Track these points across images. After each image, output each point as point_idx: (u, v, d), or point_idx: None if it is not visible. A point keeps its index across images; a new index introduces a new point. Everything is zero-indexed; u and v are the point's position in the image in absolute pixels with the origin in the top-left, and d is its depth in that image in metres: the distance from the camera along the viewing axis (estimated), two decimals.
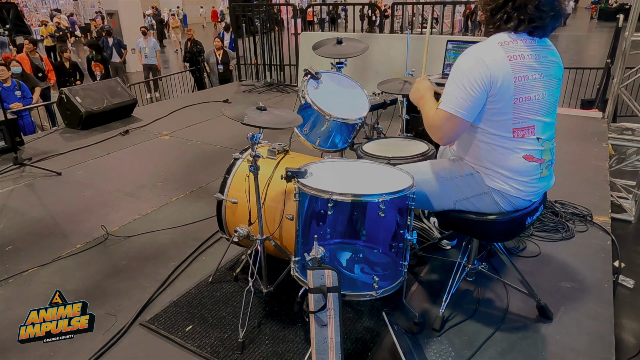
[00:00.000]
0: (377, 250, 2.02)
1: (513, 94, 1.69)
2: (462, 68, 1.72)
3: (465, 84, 1.69)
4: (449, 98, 1.74)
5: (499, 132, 1.75)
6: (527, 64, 1.71)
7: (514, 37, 1.73)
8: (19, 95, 6.07)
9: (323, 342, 1.62)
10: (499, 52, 1.69)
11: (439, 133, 1.79)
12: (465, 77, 1.70)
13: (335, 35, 3.00)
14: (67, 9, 30.26)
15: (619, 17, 5.94)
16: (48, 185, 3.82)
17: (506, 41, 1.71)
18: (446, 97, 1.75)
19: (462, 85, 1.70)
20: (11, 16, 4.01)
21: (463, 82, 1.70)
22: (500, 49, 1.69)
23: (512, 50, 1.70)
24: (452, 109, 1.72)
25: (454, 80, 1.73)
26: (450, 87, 1.75)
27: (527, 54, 1.72)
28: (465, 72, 1.70)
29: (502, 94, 1.69)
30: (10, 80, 5.98)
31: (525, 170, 1.79)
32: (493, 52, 1.69)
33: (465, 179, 1.88)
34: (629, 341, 3.22)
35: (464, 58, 1.73)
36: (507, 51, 1.69)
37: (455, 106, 1.71)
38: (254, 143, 1.94)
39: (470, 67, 1.70)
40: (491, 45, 1.72)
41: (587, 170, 3.71)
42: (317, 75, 2.53)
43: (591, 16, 27.67)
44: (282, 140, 2.47)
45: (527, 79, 1.71)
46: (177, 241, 2.87)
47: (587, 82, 7.79)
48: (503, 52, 1.68)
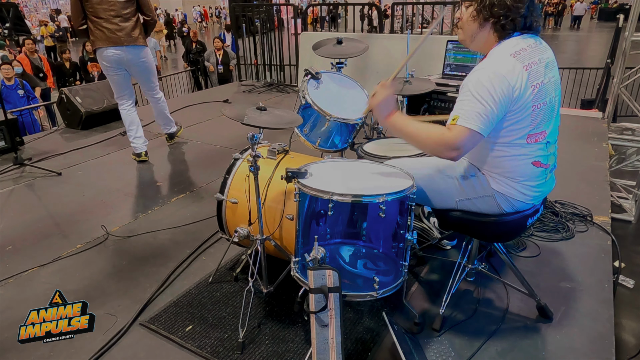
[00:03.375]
0: (377, 250, 2.02)
1: (532, 103, 1.67)
2: (483, 83, 1.63)
3: (487, 99, 1.62)
4: (469, 114, 1.63)
5: (514, 139, 1.72)
6: (539, 70, 1.69)
7: (522, 42, 1.70)
8: (22, 94, 6.07)
9: (324, 343, 1.62)
10: (515, 64, 1.64)
11: (456, 151, 1.65)
12: (486, 93, 1.62)
13: (335, 35, 3.00)
14: (67, 9, 30.23)
15: (619, 17, 5.95)
16: (48, 185, 3.81)
17: (517, 51, 1.67)
18: (465, 113, 1.64)
19: (483, 101, 1.62)
20: (11, 15, 4.02)
21: (484, 97, 1.62)
22: (515, 61, 1.65)
23: (525, 59, 1.66)
24: (475, 125, 1.62)
25: (474, 95, 1.64)
26: (469, 102, 1.64)
27: (537, 59, 1.70)
28: (487, 87, 1.62)
29: (522, 105, 1.66)
30: (14, 79, 5.99)
31: (532, 175, 1.79)
32: (510, 65, 1.64)
33: (469, 180, 1.87)
34: (629, 341, 3.22)
35: (483, 73, 1.65)
36: (521, 61, 1.65)
37: (478, 122, 1.62)
38: (254, 143, 1.94)
39: (491, 82, 1.62)
40: (505, 57, 1.66)
41: (587, 170, 3.72)
42: (317, 75, 2.53)
43: (591, 16, 27.69)
44: (282, 140, 2.47)
45: (543, 84, 1.69)
46: (177, 241, 2.87)
47: (587, 82, 7.80)
48: (519, 64, 1.64)
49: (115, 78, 4.03)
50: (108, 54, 3.86)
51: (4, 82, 5.92)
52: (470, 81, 1.67)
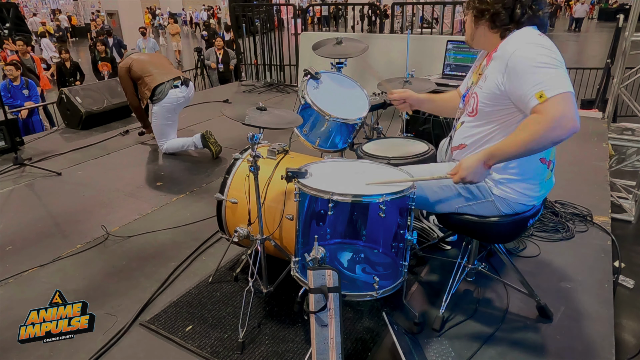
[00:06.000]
0: (377, 250, 2.02)
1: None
2: (537, 52, 1.57)
3: (558, 59, 1.56)
4: (552, 81, 1.51)
5: None
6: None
7: (536, 30, 1.71)
8: (27, 94, 6.08)
9: (324, 343, 1.62)
10: (547, 40, 1.63)
11: (570, 121, 1.48)
12: (553, 55, 1.57)
13: (335, 35, 3.00)
14: (67, 9, 30.25)
15: (619, 17, 5.94)
16: (48, 185, 3.81)
17: (539, 33, 1.67)
18: (549, 82, 1.51)
19: (556, 64, 1.55)
20: (11, 15, 4.02)
21: (554, 60, 1.55)
22: (545, 39, 1.63)
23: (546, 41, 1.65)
24: (565, 88, 1.50)
25: (536, 66, 1.55)
26: (543, 72, 1.53)
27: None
28: (543, 52, 1.56)
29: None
30: (19, 79, 6.01)
31: (537, 173, 1.79)
32: (544, 39, 1.63)
33: (467, 187, 1.86)
34: (629, 341, 3.22)
35: (527, 47, 1.59)
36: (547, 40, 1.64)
37: (566, 84, 1.51)
38: (254, 143, 1.94)
39: (543, 46, 1.59)
40: (534, 33, 1.66)
41: (587, 170, 3.72)
42: (317, 75, 2.53)
43: (589, 17, 27.68)
44: (282, 140, 2.47)
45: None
46: (177, 241, 2.87)
47: (587, 82, 7.79)
48: (549, 41, 1.63)
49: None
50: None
51: (10, 82, 5.93)
52: (528, 57, 1.58)
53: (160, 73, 4.11)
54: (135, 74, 4.13)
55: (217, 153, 4.24)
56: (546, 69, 1.54)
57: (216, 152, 4.23)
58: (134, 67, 4.13)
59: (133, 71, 4.13)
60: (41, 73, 7.69)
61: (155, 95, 4.06)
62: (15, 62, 6.19)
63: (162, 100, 4.06)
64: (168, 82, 4.07)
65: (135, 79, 4.17)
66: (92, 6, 29.44)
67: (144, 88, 4.09)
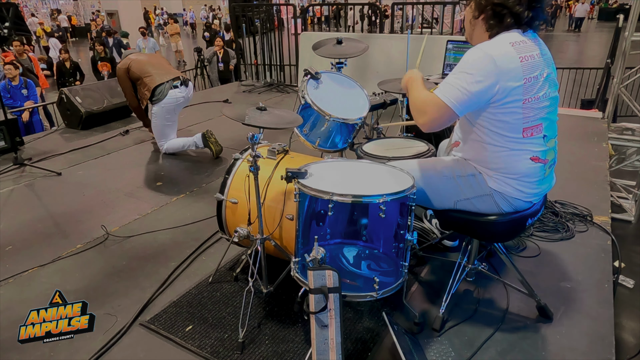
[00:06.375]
0: (377, 250, 2.02)
1: (522, 95, 1.67)
2: (468, 61, 1.68)
3: (467, 77, 1.65)
4: (447, 88, 1.69)
5: (510, 133, 1.72)
6: (536, 64, 1.70)
7: (522, 36, 1.72)
8: (25, 93, 6.08)
9: (324, 343, 1.62)
10: (510, 52, 1.66)
11: (424, 118, 1.74)
12: (469, 70, 1.66)
13: (335, 35, 3.00)
14: (67, 9, 30.24)
15: (619, 17, 5.94)
16: (48, 185, 3.81)
17: (517, 41, 1.69)
18: (445, 86, 1.69)
19: (464, 79, 1.66)
20: (11, 15, 4.01)
21: (466, 75, 1.66)
22: (512, 49, 1.66)
23: (523, 50, 1.68)
24: (447, 99, 1.67)
25: (458, 71, 1.69)
26: (451, 77, 1.69)
27: (536, 54, 1.71)
28: (471, 64, 1.66)
29: (510, 94, 1.66)
30: (18, 79, 6.00)
31: (530, 172, 1.79)
32: (504, 50, 1.66)
33: (467, 179, 1.87)
34: (629, 341, 3.23)
35: (473, 52, 1.69)
36: (519, 52, 1.66)
37: (451, 97, 1.66)
38: (254, 143, 1.94)
39: (477, 61, 1.66)
40: (503, 43, 1.68)
41: (587, 170, 3.72)
42: (317, 75, 2.53)
43: (589, 17, 27.67)
44: (282, 140, 2.47)
45: (537, 79, 1.70)
46: (177, 241, 2.87)
47: (587, 82, 7.80)
48: (515, 53, 1.66)
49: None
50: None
51: (9, 82, 5.93)
52: (462, 59, 1.71)
53: (159, 73, 4.10)
54: (134, 75, 4.12)
55: (218, 153, 4.24)
56: (456, 77, 1.69)
57: (217, 152, 4.23)
58: (133, 68, 4.12)
59: (132, 72, 4.12)
60: (39, 73, 7.70)
61: (154, 96, 4.06)
62: (14, 62, 6.19)
63: (161, 101, 4.05)
64: (167, 82, 4.06)
65: (134, 80, 4.16)
66: (92, 6, 29.42)
67: (143, 89, 4.09)
